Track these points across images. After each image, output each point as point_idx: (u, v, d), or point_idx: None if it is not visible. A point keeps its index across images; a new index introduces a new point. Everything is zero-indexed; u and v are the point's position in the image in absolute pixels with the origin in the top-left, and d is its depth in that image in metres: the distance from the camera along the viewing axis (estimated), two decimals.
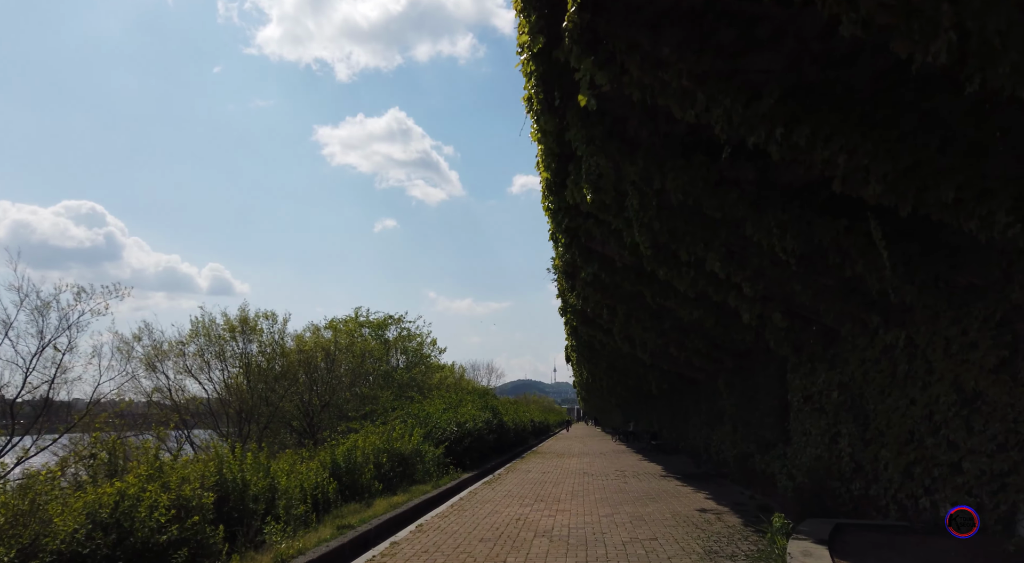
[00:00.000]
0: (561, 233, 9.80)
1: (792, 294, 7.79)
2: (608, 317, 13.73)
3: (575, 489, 12.06)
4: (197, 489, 5.95)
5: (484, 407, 21.00)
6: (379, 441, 11.76)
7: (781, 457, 10.75)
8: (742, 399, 13.32)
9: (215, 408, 18.55)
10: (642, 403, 34.87)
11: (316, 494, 8.58)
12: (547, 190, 8.52)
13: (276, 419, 19.94)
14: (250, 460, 7.52)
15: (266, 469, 7.70)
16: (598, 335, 18.31)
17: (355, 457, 10.17)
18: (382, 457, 11.26)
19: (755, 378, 12.24)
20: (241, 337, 17.74)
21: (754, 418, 12.44)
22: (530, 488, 12.43)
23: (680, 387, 22.21)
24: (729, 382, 14.45)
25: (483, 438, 18.04)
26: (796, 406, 9.81)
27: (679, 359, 16.57)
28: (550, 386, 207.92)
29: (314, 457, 9.71)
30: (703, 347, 12.86)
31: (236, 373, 18.01)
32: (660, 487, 12.19)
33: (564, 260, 12.12)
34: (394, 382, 23.33)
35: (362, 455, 10.77)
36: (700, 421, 19.77)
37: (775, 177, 5.64)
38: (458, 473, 14.28)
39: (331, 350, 21.61)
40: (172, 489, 5.75)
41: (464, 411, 18.53)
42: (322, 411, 21.14)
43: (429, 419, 16.41)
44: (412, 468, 12.66)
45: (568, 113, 5.91)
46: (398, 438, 12.65)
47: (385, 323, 27.10)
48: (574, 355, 28.24)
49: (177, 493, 5.71)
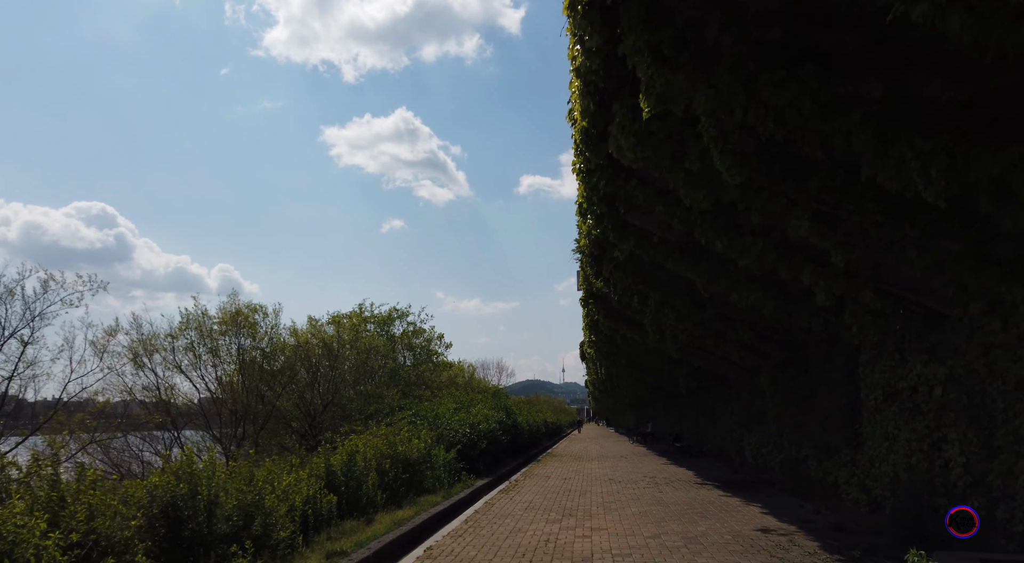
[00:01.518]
0: (594, 201, 8.33)
1: (888, 266, 6.29)
2: (639, 305, 12.24)
3: (606, 500, 10.59)
4: (117, 520, 4.50)
5: (497, 407, 19.58)
6: (383, 445, 10.35)
7: (848, 465, 9.24)
8: (792, 397, 11.80)
9: (209, 408, 17.21)
10: (661, 403, 33.30)
11: (307, 510, 7.16)
12: (581, 143, 7.05)
13: (274, 419, 18.59)
14: (220, 470, 6.08)
15: (248, 480, 6.27)
16: (621, 328, 16.83)
17: (355, 464, 8.75)
18: (385, 463, 9.85)
19: (811, 373, 10.72)
20: (235, 331, 16.38)
21: (809, 419, 10.92)
22: (553, 498, 10.97)
23: (708, 385, 20.67)
24: (774, 378, 12.92)
25: (497, 440, 16.62)
26: (873, 405, 8.30)
27: (714, 354, 15.06)
28: (559, 386, 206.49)
29: (306, 464, 8.30)
30: (749, 339, 11.34)
31: (231, 370, 16.66)
32: (702, 497, 10.70)
33: (592, 239, 10.65)
34: (400, 380, 21.92)
35: (363, 461, 9.36)
36: (732, 422, 18.23)
37: (913, 91, 4.15)
38: (471, 480, 12.85)
39: (334, 346, 20.24)
40: (73, 522, 4.22)
41: (476, 411, 17.11)
42: (324, 411, 19.78)
43: (440, 420, 15.00)
44: (420, 475, 11.24)
45: (624, 14, 4.45)
46: (404, 441, 11.23)
47: (390, 318, 25.69)
48: (591, 351, 26.72)
49: (86, 526, 4.18)
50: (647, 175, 7.14)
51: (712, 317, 11.41)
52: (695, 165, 5.72)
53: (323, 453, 8.45)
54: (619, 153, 6.21)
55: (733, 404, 18.26)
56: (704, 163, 5.68)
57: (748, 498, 10.53)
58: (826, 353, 9.78)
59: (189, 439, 16.94)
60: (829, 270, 6.72)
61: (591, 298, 15.78)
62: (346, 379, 21.34)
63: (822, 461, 10.36)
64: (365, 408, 17.70)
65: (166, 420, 15.03)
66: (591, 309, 16.17)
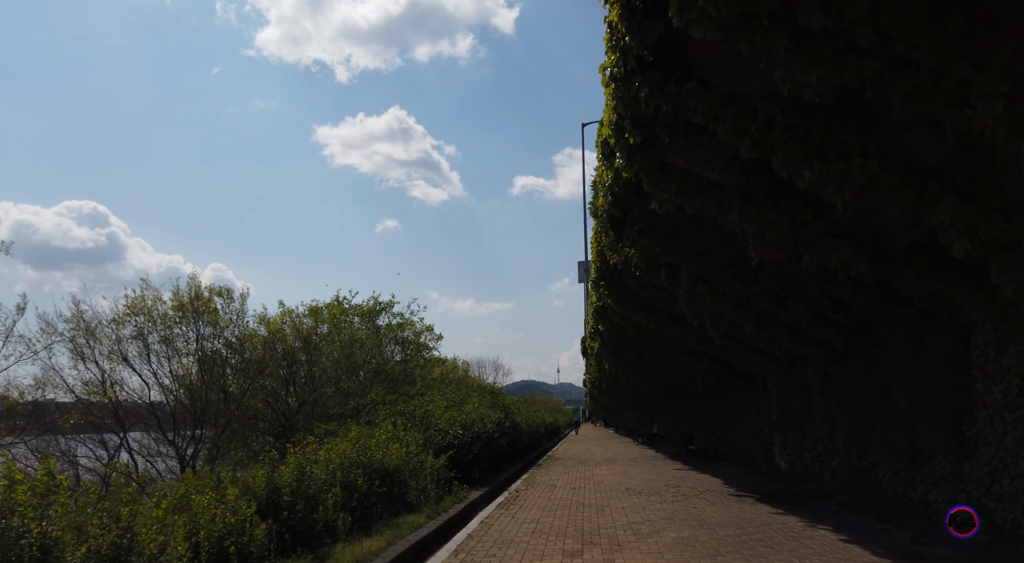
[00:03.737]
0: (627, 126, 6.23)
1: None
2: (666, 282, 10.16)
3: (631, 519, 8.50)
4: None
5: (494, 406, 17.47)
6: (352, 451, 8.22)
7: (949, 478, 7.17)
8: (855, 392, 9.74)
9: (170, 407, 15.00)
10: (668, 402, 31.25)
11: (227, 547, 5.02)
12: (621, 24, 4.95)
13: (241, 419, 16.39)
14: (61, 497, 3.92)
15: (114, 516, 4.12)
16: (636, 315, 14.74)
17: (310, 479, 6.60)
18: (355, 475, 7.72)
19: (888, 361, 8.66)
20: (194, 318, 14.17)
21: (881, 418, 8.85)
22: (565, 516, 8.87)
23: (728, 382, 18.61)
24: (825, 371, 10.87)
25: (494, 443, 14.51)
26: (998, 400, 6.23)
27: (744, 345, 13.00)
28: (554, 386, 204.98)
29: (240, 479, 6.16)
30: (804, 321, 9.25)
31: (189, 363, 14.46)
32: (750, 516, 8.62)
33: (615, 194, 8.55)
34: (386, 376, 19.77)
35: (325, 473, 7.23)
36: (759, 423, 16.18)
37: None
38: (464, 491, 10.74)
39: (313, 338, 18.06)
40: None
41: (470, 410, 15.00)
42: (300, 410, 17.61)
43: (428, 419, 12.89)
44: (403, 486, 9.13)
45: None
46: (381, 446, 9.10)
47: (374, 309, 23.48)
48: (595, 345, 24.64)
49: None
50: (715, 58, 5.05)
51: (759, 294, 9.33)
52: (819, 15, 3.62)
53: (265, 464, 6.30)
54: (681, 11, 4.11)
55: (760, 402, 16.21)
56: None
57: (808, 517, 8.45)
58: (917, 334, 7.69)
59: (140, 442, 14.75)
60: (979, 205, 4.65)
61: (603, 280, 13.69)
62: (327, 374, 19.18)
63: (901, 471, 8.29)
64: (344, 405, 15.54)
65: (101, 420, 12.83)
66: (602, 292, 14.07)
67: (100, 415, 13.48)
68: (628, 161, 6.86)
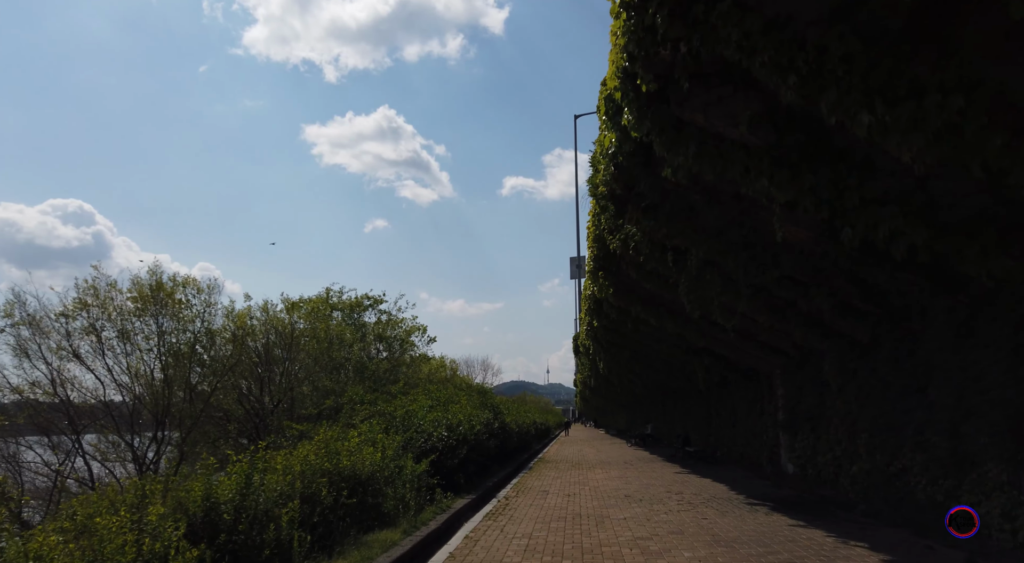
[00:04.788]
0: (639, 72, 5.21)
1: None
2: (672, 266, 9.18)
3: (636, 534, 7.49)
4: None
5: (483, 406, 16.44)
6: (317, 456, 7.14)
7: (1005, 488, 6.22)
8: (883, 390, 8.81)
9: (128, 407, 13.80)
10: (662, 402, 30.35)
11: None
12: None
13: (208, 420, 15.23)
14: None
15: None
16: (635, 308, 13.76)
17: (258, 493, 5.52)
18: (319, 484, 6.64)
19: (921, 355, 7.71)
20: (155, 311, 12.98)
21: (914, 418, 7.91)
22: (561, 529, 7.84)
23: (729, 380, 17.69)
24: (843, 367, 9.93)
25: (482, 445, 13.48)
26: None
27: (756, 336, 12.05)
28: (544, 387, 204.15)
29: (172, 493, 5.08)
30: (828, 308, 8.28)
31: (151, 360, 13.27)
32: (770, 530, 7.65)
33: (618, 165, 7.53)
34: (369, 375, 18.63)
35: (281, 484, 6.15)
36: (764, 423, 15.26)
37: None
38: (448, 500, 9.69)
39: (288, 333, 16.91)
40: None
41: (457, 410, 13.96)
42: (275, 410, 16.46)
43: (411, 420, 11.83)
44: (378, 495, 8.07)
45: None
46: (354, 450, 8.03)
47: (360, 304, 22.31)
48: (588, 342, 23.66)
49: None
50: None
51: (778, 281, 8.35)
52: None
53: (201, 476, 5.22)
54: None
55: (764, 402, 15.30)
56: None
57: (835, 531, 7.48)
58: (964, 323, 6.73)
59: (96, 446, 13.54)
60: None
61: (600, 269, 12.68)
62: (306, 372, 18.02)
63: (940, 479, 7.35)
64: (320, 405, 14.42)
65: (51, 422, 11.62)
66: (600, 282, 13.07)
67: (49, 417, 12.27)
68: (638, 118, 5.84)
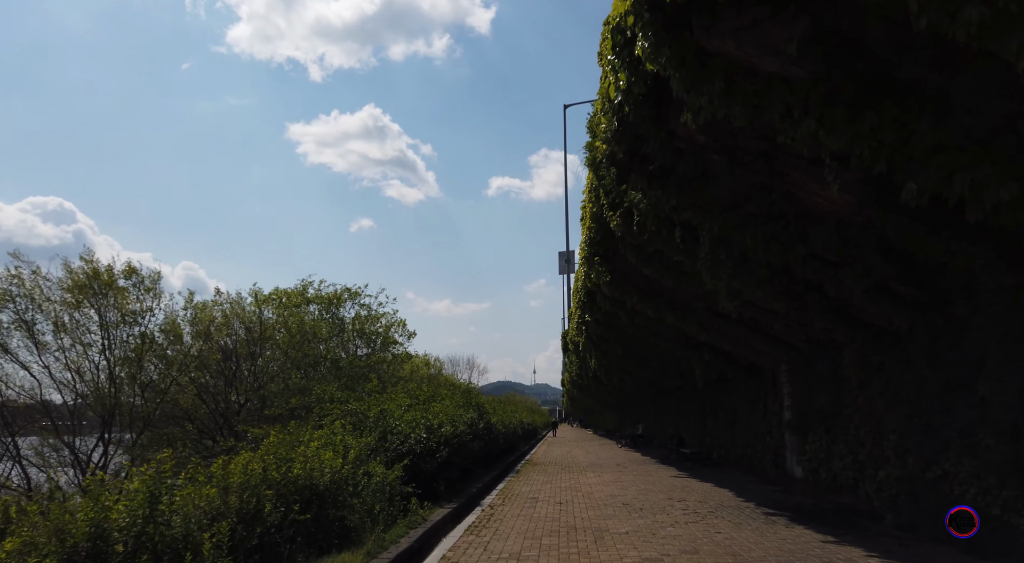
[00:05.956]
0: None
1: None
2: (680, 243, 8.09)
3: (644, 553, 6.35)
4: None
5: (467, 405, 15.28)
6: (262, 464, 5.93)
7: None
8: (916, 385, 7.77)
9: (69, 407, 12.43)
10: (653, 401, 29.34)
11: None
12: None
13: (165, 420, 13.92)
14: None
15: None
16: (631, 299, 12.67)
17: (169, 514, 4.31)
18: (258, 500, 5.45)
19: (970, 345, 6.67)
20: (95, 302, 11.60)
21: (962, 418, 6.87)
22: (554, 547, 6.69)
23: (729, 377, 16.66)
24: (866, 359, 8.91)
25: (466, 448, 12.32)
26: None
27: (767, 328, 11.00)
28: (530, 387, 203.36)
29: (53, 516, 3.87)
30: (862, 291, 7.20)
31: (95, 355, 11.93)
32: (798, 547, 6.57)
33: (626, 118, 6.40)
34: (345, 372, 17.37)
35: (206, 502, 4.94)
36: (768, 423, 14.25)
37: None
38: (424, 511, 8.51)
39: (256, 325, 15.61)
40: None
41: (439, 409, 12.79)
42: (241, 409, 15.18)
43: (385, 421, 10.64)
44: (341, 507, 6.87)
45: None
46: (310, 455, 6.83)
47: (338, 298, 21.01)
48: (579, 338, 22.58)
49: None
50: None
51: (802, 261, 7.27)
52: None
53: (92, 494, 4.00)
54: None
55: (767, 400, 14.30)
56: None
57: (875, 549, 6.42)
58: None
59: (35, 449, 12.17)
60: None
61: (596, 255, 11.57)
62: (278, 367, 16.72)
63: (995, 488, 6.31)
64: (287, 405, 13.16)
65: None
66: (596, 269, 11.95)
67: None
68: (655, 46, 4.71)
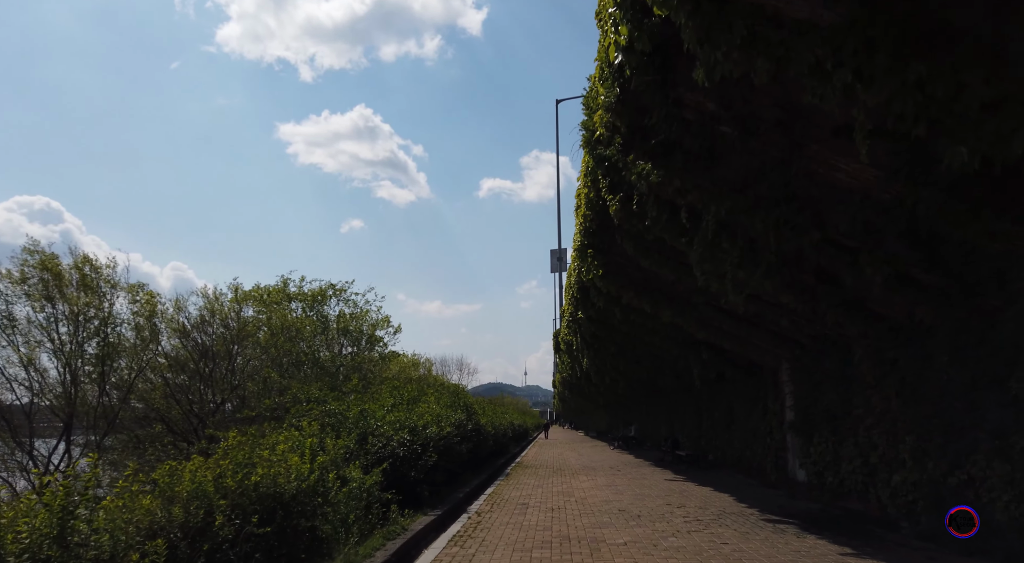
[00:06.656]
0: None
1: None
2: (686, 223, 7.47)
3: None
4: None
5: (454, 405, 14.60)
6: (215, 471, 5.23)
7: None
8: (937, 383, 7.19)
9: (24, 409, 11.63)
10: (647, 402, 28.77)
11: None
12: None
13: (137, 422, 13.15)
14: None
15: None
16: (626, 294, 12.06)
17: (84, 533, 3.62)
18: (202, 511, 4.75)
19: (1001, 339, 6.10)
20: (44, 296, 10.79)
21: (991, 419, 6.28)
22: (546, 560, 6.04)
23: (726, 376, 16.09)
24: (880, 355, 8.33)
25: (453, 450, 11.64)
26: None
27: (772, 323, 10.42)
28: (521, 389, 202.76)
29: None
30: (883, 280, 6.61)
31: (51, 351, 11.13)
32: (813, 561, 5.95)
33: (626, 83, 5.76)
34: (327, 371, 16.62)
35: (145, 515, 4.25)
36: (768, 425, 13.68)
37: None
38: (405, 520, 7.82)
39: (234, 322, 14.85)
40: None
41: (424, 409, 12.11)
42: (217, 410, 14.43)
43: (366, 422, 9.94)
44: (311, 517, 6.17)
45: None
46: (276, 460, 6.13)
47: (323, 294, 20.24)
48: (572, 337, 21.95)
49: None
50: None
51: (817, 247, 6.67)
52: None
53: None
54: None
55: (768, 400, 13.73)
56: None
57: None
58: None
59: None
60: None
61: (591, 247, 10.93)
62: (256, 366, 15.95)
63: None
64: (264, 405, 12.43)
65: None
66: (589, 262, 11.31)
67: None
68: None
